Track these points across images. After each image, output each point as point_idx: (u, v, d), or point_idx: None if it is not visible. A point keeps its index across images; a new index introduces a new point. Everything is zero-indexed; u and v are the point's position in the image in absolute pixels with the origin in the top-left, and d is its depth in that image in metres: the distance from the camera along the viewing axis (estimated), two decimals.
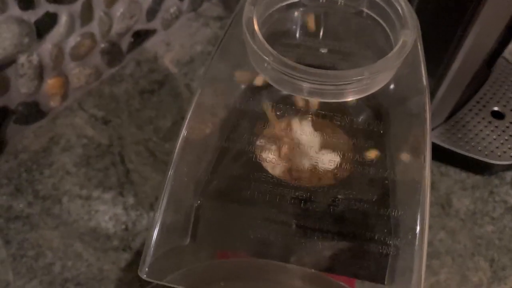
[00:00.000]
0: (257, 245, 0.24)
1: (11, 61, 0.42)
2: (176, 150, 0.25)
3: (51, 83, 0.47)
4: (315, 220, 0.24)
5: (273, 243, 0.24)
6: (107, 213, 0.44)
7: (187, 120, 0.24)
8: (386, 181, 0.24)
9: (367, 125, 0.24)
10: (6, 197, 0.45)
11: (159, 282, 0.24)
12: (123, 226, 0.44)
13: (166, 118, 0.51)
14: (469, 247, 0.43)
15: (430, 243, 0.43)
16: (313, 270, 0.31)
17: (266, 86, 0.25)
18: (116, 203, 0.45)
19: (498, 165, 0.45)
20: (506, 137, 0.46)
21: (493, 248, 0.43)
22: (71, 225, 0.44)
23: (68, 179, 0.46)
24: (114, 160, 0.48)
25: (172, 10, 0.56)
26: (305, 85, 0.22)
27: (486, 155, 0.45)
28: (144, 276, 0.24)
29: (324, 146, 0.26)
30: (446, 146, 0.46)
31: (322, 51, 0.26)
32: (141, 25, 0.53)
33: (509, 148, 0.46)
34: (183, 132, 0.24)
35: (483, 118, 0.48)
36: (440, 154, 0.47)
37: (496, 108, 0.48)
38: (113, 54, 0.52)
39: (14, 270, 0.41)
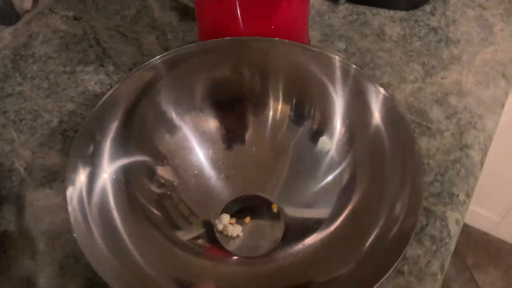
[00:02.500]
0: None
1: None
2: None
3: None
4: None
5: None
6: (92, 80, 0.50)
7: None
8: None
9: None
10: None
11: None
12: (108, 87, 0.49)
13: (130, 8, 0.57)
14: (404, 58, 0.51)
15: (371, 61, 0.51)
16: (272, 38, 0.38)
17: None
18: (99, 72, 0.51)
19: None
20: None
21: (423, 56, 0.51)
22: (61, 93, 0.49)
23: (51, 62, 0.52)
24: (90, 43, 0.53)
25: None
26: None
27: None
28: None
29: None
30: None
31: None
32: None
33: None
34: None
35: None
36: None
37: None
38: None
39: (16, 130, 0.46)
